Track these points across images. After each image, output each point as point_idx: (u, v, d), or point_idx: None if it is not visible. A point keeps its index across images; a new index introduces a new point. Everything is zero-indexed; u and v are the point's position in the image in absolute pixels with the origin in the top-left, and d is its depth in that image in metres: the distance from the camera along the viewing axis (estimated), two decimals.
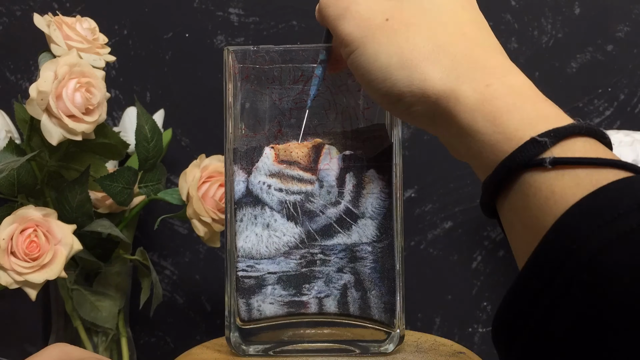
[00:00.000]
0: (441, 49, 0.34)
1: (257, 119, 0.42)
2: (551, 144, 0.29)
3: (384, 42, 0.34)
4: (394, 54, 0.34)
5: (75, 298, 0.56)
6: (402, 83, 0.34)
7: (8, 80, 0.69)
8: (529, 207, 0.29)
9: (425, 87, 0.33)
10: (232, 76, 0.41)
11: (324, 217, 0.41)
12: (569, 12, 0.67)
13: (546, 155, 0.29)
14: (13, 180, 0.52)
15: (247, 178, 0.41)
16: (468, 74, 0.33)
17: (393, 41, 0.34)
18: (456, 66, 0.33)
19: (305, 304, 0.41)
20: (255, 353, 0.41)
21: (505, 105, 0.31)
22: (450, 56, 0.33)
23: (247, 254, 0.41)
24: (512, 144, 0.30)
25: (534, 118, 0.30)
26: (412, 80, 0.33)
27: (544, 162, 0.29)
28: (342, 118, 0.42)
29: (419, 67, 0.33)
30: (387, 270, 0.41)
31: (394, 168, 0.41)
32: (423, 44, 0.34)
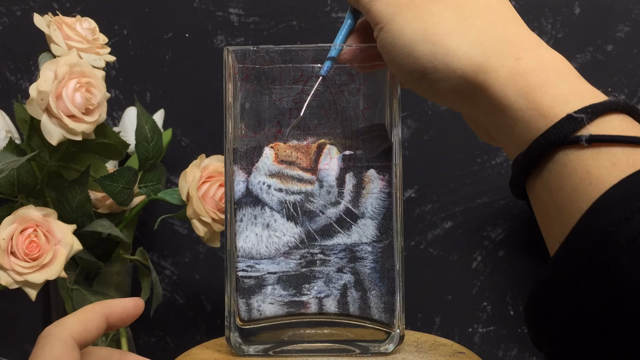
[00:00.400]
0: (467, 22, 0.33)
1: (257, 119, 0.42)
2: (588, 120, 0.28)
3: (410, 17, 0.34)
4: (418, 28, 0.33)
5: (75, 298, 0.56)
6: (425, 58, 0.33)
7: (8, 80, 0.69)
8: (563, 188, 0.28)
9: (449, 62, 0.32)
10: (232, 76, 0.41)
11: (324, 217, 0.41)
12: (568, 12, 0.67)
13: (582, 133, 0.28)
14: (13, 180, 0.52)
15: (247, 178, 0.41)
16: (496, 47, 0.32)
17: (418, 16, 0.33)
18: (483, 40, 0.32)
19: (305, 304, 0.41)
20: (255, 353, 0.41)
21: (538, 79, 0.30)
22: (476, 30, 0.32)
23: (247, 254, 0.41)
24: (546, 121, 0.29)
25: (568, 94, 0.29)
26: (435, 54, 0.33)
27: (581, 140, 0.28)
28: (342, 118, 0.42)
29: (443, 42, 0.33)
30: (387, 270, 0.41)
31: (394, 168, 0.41)
32: (448, 18, 0.33)
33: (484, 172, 0.68)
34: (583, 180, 0.27)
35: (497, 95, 0.31)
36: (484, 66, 0.31)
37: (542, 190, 0.30)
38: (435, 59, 0.33)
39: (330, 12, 0.68)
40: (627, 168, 0.27)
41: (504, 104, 0.30)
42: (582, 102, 0.29)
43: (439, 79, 0.33)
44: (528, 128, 0.30)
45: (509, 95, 0.30)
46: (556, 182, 0.29)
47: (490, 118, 0.32)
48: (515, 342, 0.68)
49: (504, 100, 0.30)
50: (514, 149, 0.31)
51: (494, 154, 0.68)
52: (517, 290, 0.68)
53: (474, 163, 0.68)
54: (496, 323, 0.68)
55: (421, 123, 0.68)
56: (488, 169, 0.68)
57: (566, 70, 0.31)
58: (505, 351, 0.68)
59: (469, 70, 0.32)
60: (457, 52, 0.32)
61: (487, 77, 0.31)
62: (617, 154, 0.27)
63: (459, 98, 0.33)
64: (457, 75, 0.32)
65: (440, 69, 0.33)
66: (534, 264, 0.68)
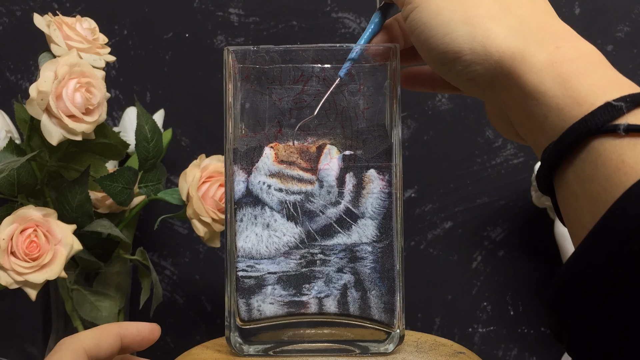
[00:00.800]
0: (508, 10, 0.33)
1: (257, 119, 0.42)
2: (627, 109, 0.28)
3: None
4: (458, 9, 0.33)
5: (75, 298, 0.56)
6: (463, 39, 0.32)
7: (8, 80, 0.69)
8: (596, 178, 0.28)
9: (488, 45, 0.32)
10: (232, 76, 0.41)
11: (324, 217, 0.41)
12: (568, 12, 0.67)
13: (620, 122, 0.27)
14: (13, 180, 0.52)
15: (247, 178, 0.41)
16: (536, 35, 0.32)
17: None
18: (523, 27, 0.32)
19: (305, 304, 0.41)
20: (255, 353, 0.41)
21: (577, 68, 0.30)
22: (517, 17, 0.32)
23: (247, 254, 0.41)
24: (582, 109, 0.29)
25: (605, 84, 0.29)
26: (474, 36, 0.32)
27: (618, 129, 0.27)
28: (342, 118, 0.42)
29: (483, 24, 0.32)
30: (387, 270, 0.41)
31: (394, 168, 0.41)
32: (489, 3, 0.33)
33: (484, 172, 0.68)
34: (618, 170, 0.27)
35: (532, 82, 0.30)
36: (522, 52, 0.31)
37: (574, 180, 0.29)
38: (474, 41, 0.32)
39: (330, 12, 0.68)
40: None
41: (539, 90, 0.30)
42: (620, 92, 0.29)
43: (475, 62, 0.32)
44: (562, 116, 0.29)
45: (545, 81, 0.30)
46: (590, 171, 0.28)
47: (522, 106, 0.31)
48: (515, 342, 0.68)
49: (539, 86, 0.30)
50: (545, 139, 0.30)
51: (494, 154, 0.68)
52: (517, 290, 0.68)
53: (474, 163, 0.68)
54: (496, 323, 0.68)
55: (421, 123, 0.68)
56: (488, 169, 0.68)
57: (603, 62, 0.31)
58: (505, 351, 0.68)
59: (507, 55, 0.31)
60: (497, 36, 0.32)
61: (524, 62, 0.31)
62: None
63: (491, 84, 0.33)
64: (494, 59, 0.32)
65: (477, 51, 0.32)
66: (534, 264, 0.68)
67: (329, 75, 0.41)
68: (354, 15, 0.68)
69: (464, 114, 0.68)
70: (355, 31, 0.68)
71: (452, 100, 0.68)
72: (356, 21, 0.68)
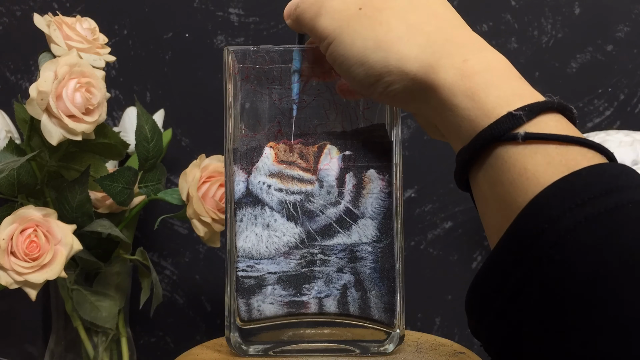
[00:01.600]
0: (415, 28, 0.35)
1: (257, 119, 0.42)
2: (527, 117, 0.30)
3: (359, 28, 0.36)
4: (369, 37, 0.35)
5: (75, 298, 0.56)
6: (379, 64, 0.35)
7: (8, 80, 0.69)
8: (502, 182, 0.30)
9: (401, 65, 0.34)
10: (232, 76, 0.41)
11: (324, 217, 0.41)
12: (569, 12, 0.67)
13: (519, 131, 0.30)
14: (13, 180, 0.52)
15: (247, 178, 0.41)
16: (444, 49, 0.34)
17: (367, 26, 0.35)
18: (431, 43, 0.34)
19: (305, 304, 0.41)
20: (255, 353, 0.41)
21: (483, 81, 0.32)
22: (424, 34, 0.35)
23: (247, 254, 0.41)
24: (489, 120, 0.31)
25: (510, 96, 0.32)
26: (388, 60, 0.35)
27: (517, 137, 0.30)
28: (342, 118, 0.42)
29: (394, 47, 0.35)
30: (387, 270, 0.41)
31: (394, 168, 0.41)
32: (397, 25, 0.35)
33: None
34: (520, 176, 0.30)
35: (445, 95, 0.33)
36: (434, 67, 0.33)
37: (483, 182, 0.32)
38: (389, 64, 0.35)
39: None
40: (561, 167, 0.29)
41: (452, 103, 0.33)
42: (522, 102, 0.31)
43: (393, 82, 0.35)
44: (473, 126, 0.32)
45: (456, 95, 0.32)
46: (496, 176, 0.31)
47: (441, 116, 0.34)
48: None
49: (452, 99, 0.33)
50: (461, 144, 0.33)
51: None
52: None
53: None
54: None
55: None
56: None
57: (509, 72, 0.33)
58: None
59: (421, 72, 0.34)
60: (409, 56, 0.34)
61: (437, 77, 0.33)
62: (551, 152, 0.30)
63: (411, 98, 0.35)
64: (409, 77, 0.34)
65: (394, 72, 0.35)
66: None
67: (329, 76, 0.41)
68: None
69: None
70: None
71: None
72: None
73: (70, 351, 0.58)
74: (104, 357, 0.58)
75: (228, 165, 0.41)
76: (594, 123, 0.67)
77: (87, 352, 0.57)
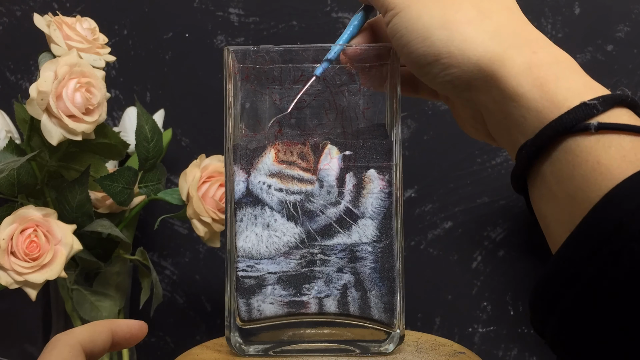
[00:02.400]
0: (485, 15, 0.34)
1: (257, 119, 0.42)
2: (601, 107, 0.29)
3: (429, 4, 0.34)
4: (437, 15, 0.34)
5: (75, 298, 0.56)
6: (441, 43, 0.34)
7: (8, 80, 0.69)
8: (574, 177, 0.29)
9: (465, 48, 0.33)
10: (232, 76, 0.41)
11: (324, 217, 0.41)
12: (568, 12, 0.67)
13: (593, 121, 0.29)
14: (13, 180, 0.52)
15: (247, 178, 0.41)
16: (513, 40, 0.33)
17: (438, 4, 0.34)
18: (500, 32, 0.33)
19: (305, 304, 0.41)
20: (255, 353, 0.41)
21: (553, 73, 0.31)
22: (494, 23, 0.34)
23: (247, 254, 0.41)
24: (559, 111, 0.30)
25: (581, 88, 0.31)
26: (452, 40, 0.33)
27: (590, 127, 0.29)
28: (342, 118, 0.42)
29: (461, 29, 0.33)
30: (387, 270, 0.41)
31: (394, 168, 0.41)
32: (468, 8, 0.34)
33: (484, 172, 0.68)
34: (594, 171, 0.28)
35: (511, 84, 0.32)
36: (500, 56, 0.32)
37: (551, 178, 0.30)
38: (452, 45, 0.33)
39: (330, 12, 0.68)
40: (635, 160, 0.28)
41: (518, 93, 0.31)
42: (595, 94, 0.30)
43: (452, 65, 0.34)
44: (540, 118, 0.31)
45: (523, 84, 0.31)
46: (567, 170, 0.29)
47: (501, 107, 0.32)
48: (515, 342, 0.68)
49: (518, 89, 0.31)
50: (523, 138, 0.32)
51: (494, 154, 0.68)
52: (517, 290, 0.68)
53: (474, 163, 0.68)
54: (496, 323, 0.68)
55: (421, 123, 0.68)
56: (488, 169, 0.68)
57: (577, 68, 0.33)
58: (505, 351, 0.68)
59: (485, 59, 0.33)
60: (474, 40, 0.33)
61: (502, 65, 0.32)
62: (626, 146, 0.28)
63: (468, 86, 0.34)
64: (471, 62, 0.33)
65: (455, 55, 0.33)
66: (534, 264, 0.68)
67: (329, 75, 0.41)
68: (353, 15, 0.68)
69: None
70: None
71: None
72: None
73: None
74: (104, 357, 0.58)
75: (228, 165, 0.41)
76: None
77: None
